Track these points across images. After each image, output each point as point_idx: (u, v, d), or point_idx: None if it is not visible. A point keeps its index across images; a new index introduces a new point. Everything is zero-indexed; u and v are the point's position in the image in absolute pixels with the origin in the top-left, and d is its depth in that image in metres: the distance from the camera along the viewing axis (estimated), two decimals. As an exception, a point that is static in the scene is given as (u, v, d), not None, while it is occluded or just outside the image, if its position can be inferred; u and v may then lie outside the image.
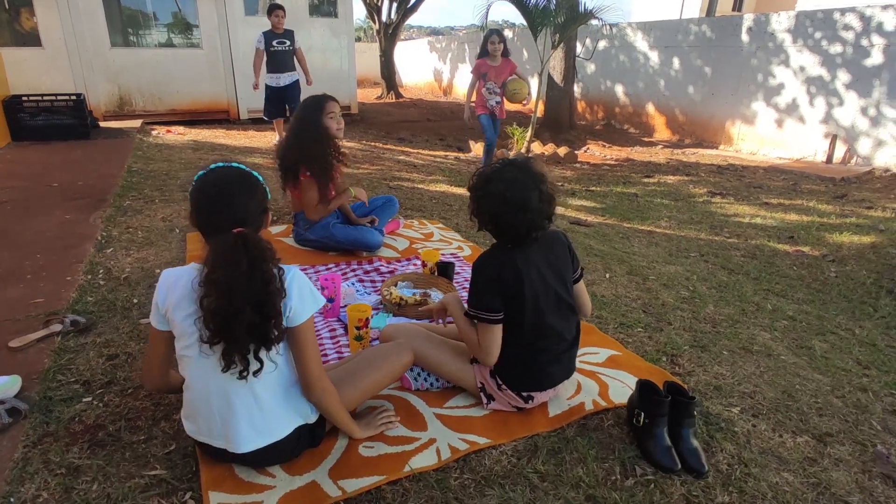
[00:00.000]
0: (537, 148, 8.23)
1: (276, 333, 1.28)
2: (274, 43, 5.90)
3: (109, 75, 8.12)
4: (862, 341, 2.67)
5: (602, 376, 1.99)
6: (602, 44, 11.33)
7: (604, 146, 9.24)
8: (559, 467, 1.52)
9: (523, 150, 7.85)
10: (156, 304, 1.35)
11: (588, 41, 11.28)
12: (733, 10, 30.78)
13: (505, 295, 1.58)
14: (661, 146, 9.51)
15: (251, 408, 1.32)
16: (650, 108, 10.66)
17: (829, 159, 7.90)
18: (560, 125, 9.87)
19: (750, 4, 31.19)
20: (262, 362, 1.27)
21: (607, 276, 3.16)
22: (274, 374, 1.34)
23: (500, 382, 1.69)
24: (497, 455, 1.55)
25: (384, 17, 15.25)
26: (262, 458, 1.39)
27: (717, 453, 1.68)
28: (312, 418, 1.43)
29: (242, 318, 1.20)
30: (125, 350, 1.94)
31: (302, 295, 1.35)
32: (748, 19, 8.74)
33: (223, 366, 1.25)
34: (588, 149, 9.03)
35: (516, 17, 8.78)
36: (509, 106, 6.02)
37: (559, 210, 4.80)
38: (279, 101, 6.30)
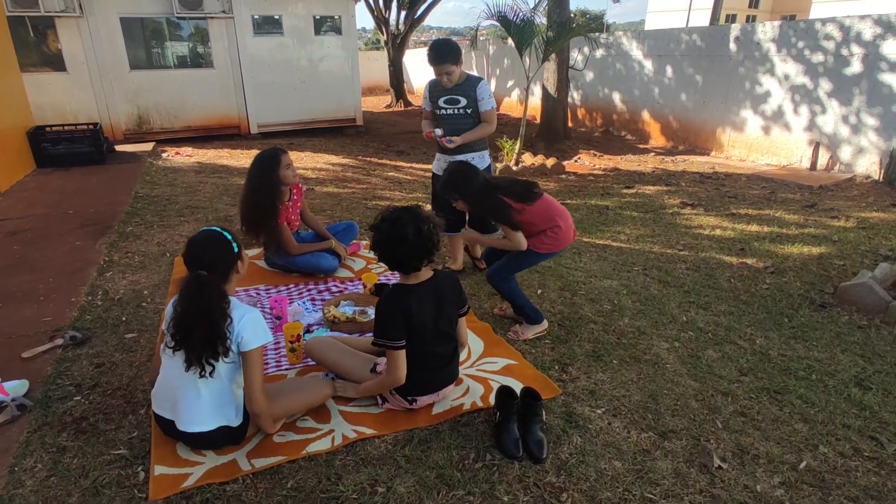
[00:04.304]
0: (527, 159, 8.59)
1: (222, 349, 1.78)
2: (441, 102, 3.40)
3: (129, 96, 8.79)
4: (756, 351, 3.00)
5: (491, 382, 2.42)
6: (599, 52, 11.62)
7: (595, 155, 9.56)
8: (425, 453, 1.98)
9: (512, 163, 8.24)
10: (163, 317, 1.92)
11: (587, 49, 11.57)
12: (749, 6, 30.52)
13: (402, 327, 2.03)
14: (653, 153, 9.78)
15: (192, 400, 1.83)
16: (646, 115, 10.92)
17: (813, 166, 8.08)
18: (555, 135, 10.22)
19: (766, 4, 30.95)
20: (212, 365, 1.79)
21: (539, 291, 3.56)
22: (216, 381, 1.84)
23: (392, 390, 2.15)
24: (378, 443, 2.02)
25: (392, 29, 15.77)
26: (195, 442, 1.89)
27: (564, 445, 2.10)
28: (235, 423, 1.92)
29: (194, 334, 1.75)
30: (111, 360, 2.47)
31: (255, 330, 1.85)
32: (735, 29, 8.96)
33: (185, 367, 1.78)
34: (579, 158, 9.36)
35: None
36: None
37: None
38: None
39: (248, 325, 1.83)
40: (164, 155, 7.72)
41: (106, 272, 3.47)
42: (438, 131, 3.38)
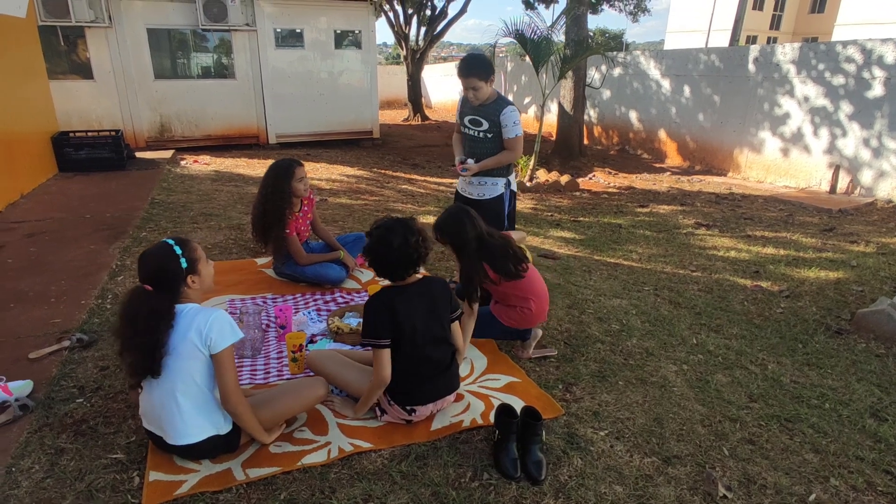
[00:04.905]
0: (542, 176, 8.59)
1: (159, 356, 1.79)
2: (465, 121, 3.27)
3: (152, 104, 8.99)
4: (768, 377, 2.92)
5: (493, 399, 2.39)
6: (617, 71, 11.63)
7: (610, 173, 9.52)
8: (421, 469, 1.95)
9: (526, 179, 8.24)
10: None
11: (604, 68, 11.59)
12: (770, 28, 30.37)
13: (387, 327, 2.06)
14: (668, 173, 9.71)
15: (174, 413, 1.81)
16: (662, 134, 10.88)
17: (833, 189, 7.96)
18: (570, 152, 10.22)
19: (788, 26, 30.79)
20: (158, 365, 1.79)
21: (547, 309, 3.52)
22: (193, 389, 1.83)
23: (390, 399, 2.14)
24: (375, 457, 1.99)
25: (412, 44, 15.98)
26: (187, 453, 1.88)
27: (563, 467, 2.05)
28: (225, 429, 1.90)
29: (131, 341, 1.76)
30: (115, 363, 2.48)
31: (222, 330, 1.83)
32: (754, 50, 8.91)
33: (129, 373, 1.80)
34: (594, 176, 9.33)
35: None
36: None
37: (534, 242, 5.17)
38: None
39: (216, 327, 1.82)
40: (182, 162, 7.85)
41: (117, 276, 3.51)
42: (470, 161, 3.24)
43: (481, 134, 3.21)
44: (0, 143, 5.08)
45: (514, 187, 3.43)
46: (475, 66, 3.05)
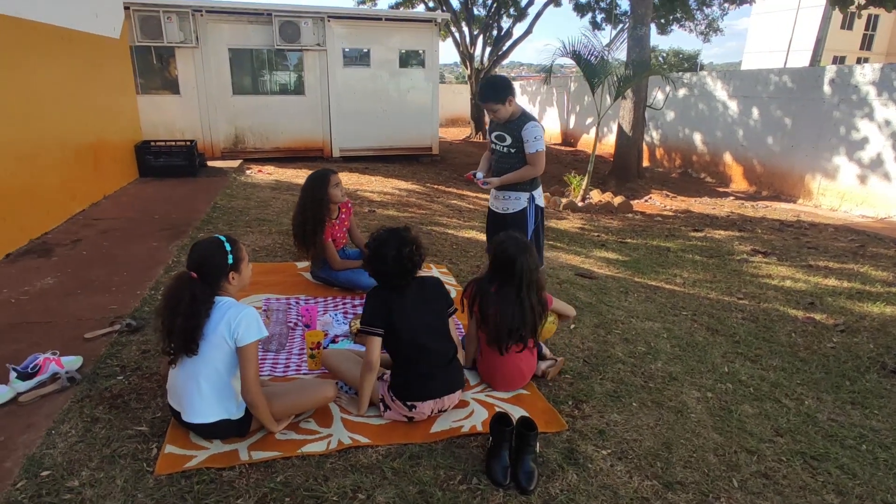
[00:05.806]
0: (596, 196, 8.48)
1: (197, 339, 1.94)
2: (493, 137, 3.39)
3: (229, 118, 9.72)
4: (802, 412, 2.76)
5: (497, 408, 2.42)
6: (682, 92, 11.32)
7: (667, 196, 9.24)
8: (413, 468, 2.01)
9: (578, 199, 8.16)
10: None
11: (668, 89, 11.32)
12: (860, 48, 28.40)
13: (383, 318, 2.21)
14: (732, 198, 9.30)
15: (194, 393, 1.99)
16: (727, 157, 10.44)
17: (917, 221, 7.34)
18: (627, 173, 10.02)
19: (881, 46, 28.66)
20: (196, 344, 1.94)
21: (572, 326, 3.49)
22: (214, 376, 2.00)
23: (393, 396, 2.24)
24: (371, 452, 2.08)
25: (476, 64, 16.29)
26: (201, 432, 2.05)
27: (557, 481, 2.05)
28: (236, 415, 2.06)
29: (173, 323, 1.92)
30: (156, 348, 2.73)
31: (249, 326, 1.99)
32: (830, 71, 8.44)
33: (168, 352, 1.97)
34: (650, 198, 9.09)
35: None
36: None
37: (575, 261, 5.13)
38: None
39: (244, 322, 1.96)
40: (247, 172, 8.41)
41: (171, 271, 3.84)
42: (480, 174, 3.36)
43: (505, 149, 3.32)
44: (89, 150, 5.70)
45: (539, 202, 3.46)
46: (489, 93, 3.19)
